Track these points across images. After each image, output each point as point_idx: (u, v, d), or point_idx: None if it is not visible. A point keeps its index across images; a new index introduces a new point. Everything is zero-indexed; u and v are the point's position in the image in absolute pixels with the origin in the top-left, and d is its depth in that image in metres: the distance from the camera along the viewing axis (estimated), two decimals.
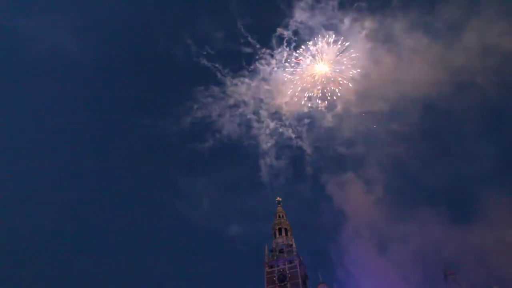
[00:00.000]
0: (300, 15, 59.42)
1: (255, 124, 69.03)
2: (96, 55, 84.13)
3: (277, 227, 64.12)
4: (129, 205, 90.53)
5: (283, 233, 63.26)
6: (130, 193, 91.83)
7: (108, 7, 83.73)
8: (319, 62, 57.17)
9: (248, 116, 69.22)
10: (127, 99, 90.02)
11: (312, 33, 58.94)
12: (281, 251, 61.29)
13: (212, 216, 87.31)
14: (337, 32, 58.17)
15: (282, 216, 65.61)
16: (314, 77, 58.36)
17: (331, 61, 57.37)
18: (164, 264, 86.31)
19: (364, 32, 58.68)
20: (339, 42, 57.19)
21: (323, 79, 58.44)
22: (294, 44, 60.04)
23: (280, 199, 68.41)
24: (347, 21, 58.47)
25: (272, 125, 67.66)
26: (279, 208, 66.76)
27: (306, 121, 64.96)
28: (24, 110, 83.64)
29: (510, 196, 58.54)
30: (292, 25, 60.14)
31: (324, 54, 56.89)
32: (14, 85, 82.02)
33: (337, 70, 57.96)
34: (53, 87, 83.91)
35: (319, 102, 61.22)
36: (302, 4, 60.00)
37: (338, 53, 57.13)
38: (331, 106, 62.71)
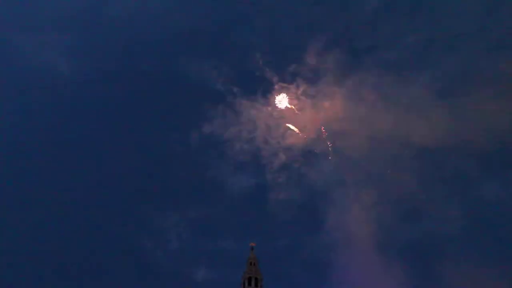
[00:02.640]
0: (312, 58, 60.22)
1: (264, 153, 65.51)
2: (89, 75, 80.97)
3: (247, 276, 58.96)
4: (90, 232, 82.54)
5: (253, 284, 58.18)
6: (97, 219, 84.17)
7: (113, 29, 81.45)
8: (326, 103, 58.76)
9: (257, 145, 65.63)
10: (125, 119, 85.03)
11: (321, 76, 59.86)
12: None
13: (180, 256, 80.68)
14: (343, 78, 59.32)
15: (254, 264, 60.29)
16: (320, 115, 59.52)
17: (338, 103, 59.19)
18: None
19: (368, 82, 60.13)
20: (345, 88, 59.08)
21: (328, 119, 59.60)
22: (307, 82, 59.99)
23: (254, 245, 63.28)
24: (352, 72, 59.97)
25: (282, 157, 64.46)
26: (252, 255, 61.53)
27: (310, 157, 63.02)
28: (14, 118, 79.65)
29: (475, 258, 60.96)
30: (306, 65, 60.42)
31: (332, 94, 58.89)
32: (8, 93, 78.72)
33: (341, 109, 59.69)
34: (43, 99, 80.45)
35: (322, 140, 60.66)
36: (313, 49, 60.64)
37: (344, 97, 59.14)
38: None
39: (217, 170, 72.22)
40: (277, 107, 61.58)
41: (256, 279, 57.72)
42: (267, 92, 62.36)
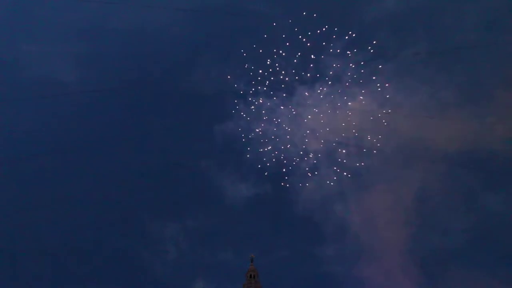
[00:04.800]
0: (334, 59, 58.76)
1: (288, 156, 63.26)
2: (97, 84, 79.87)
3: None
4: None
5: None
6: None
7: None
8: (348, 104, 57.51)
9: (276, 149, 63.04)
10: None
11: (344, 78, 58.44)
12: None
13: (178, 267, 78.59)
14: (366, 80, 57.97)
15: (254, 277, 58.61)
16: (345, 117, 58.15)
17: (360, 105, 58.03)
18: None
19: (390, 84, 59.22)
20: (368, 90, 57.99)
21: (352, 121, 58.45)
22: (329, 83, 58.37)
23: (254, 256, 61.66)
24: (375, 73, 58.99)
25: (299, 162, 62.06)
26: (251, 267, 59.89)
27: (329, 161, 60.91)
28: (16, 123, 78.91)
29: (477, 270, 60.93)
30: (328, 66, 58.86)
31: (355, 95, 57.74)
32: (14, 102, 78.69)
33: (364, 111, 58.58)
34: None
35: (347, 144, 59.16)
36: (335, 50, 59.34)
37: (366, 99, 58.12)
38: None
39: (218, 179, 70.46)
40: (298, 109, 60.04)
41: None
42: (288, 94, 60.34)
